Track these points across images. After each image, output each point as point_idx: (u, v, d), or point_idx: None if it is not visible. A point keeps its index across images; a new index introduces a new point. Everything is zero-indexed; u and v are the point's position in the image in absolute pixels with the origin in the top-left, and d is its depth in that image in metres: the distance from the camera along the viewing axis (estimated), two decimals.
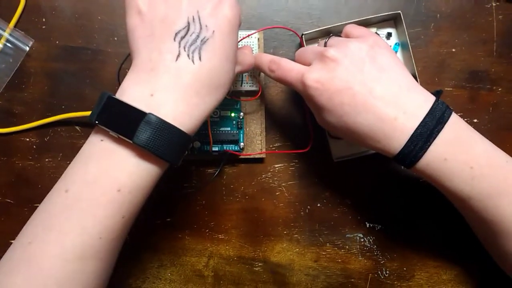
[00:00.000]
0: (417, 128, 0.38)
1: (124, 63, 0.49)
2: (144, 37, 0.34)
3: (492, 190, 0.39)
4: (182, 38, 0.34)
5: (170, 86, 0.33)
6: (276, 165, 0.51)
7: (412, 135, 0.38)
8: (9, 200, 0.50)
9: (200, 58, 0.34)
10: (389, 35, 0.50)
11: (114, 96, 0.34)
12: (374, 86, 0.39)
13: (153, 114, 0.33)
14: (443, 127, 0.38)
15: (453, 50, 0.52)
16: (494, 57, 0.52)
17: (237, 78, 0.49)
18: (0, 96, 0.50)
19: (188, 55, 0.34)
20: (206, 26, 0.34)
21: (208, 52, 0.34)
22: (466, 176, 0.39)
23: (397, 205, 0.51)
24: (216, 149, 0.49)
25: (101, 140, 0.34)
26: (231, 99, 0.49)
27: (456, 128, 0.39)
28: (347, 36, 0.44)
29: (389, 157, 0.40)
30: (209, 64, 0.35)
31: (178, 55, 0.34)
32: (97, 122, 0.33)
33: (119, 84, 0.49)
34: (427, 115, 0.38)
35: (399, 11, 0.48)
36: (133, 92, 0.34)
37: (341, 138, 0.49)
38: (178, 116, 0.34)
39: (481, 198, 0.39)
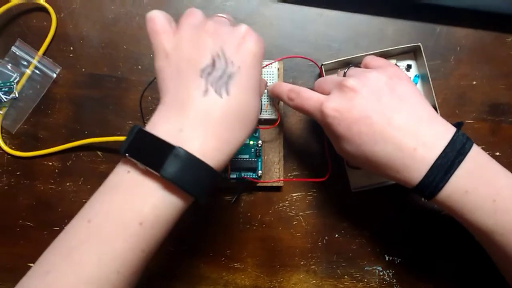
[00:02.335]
0: (437, 159, 0.37)
1: (145, 91, 0.50)
2: (171, 77, 0.35)
3: None
4: (209, 74, 0.34)
5: (199, 122, 0.34)
6: (293, 194, 0.51)
7: (432, 165, 0.37)
8: (29, 223, 0.51)
9: (227, 93, 0.34)
10: (409, 67, 0.51)
11: (144, 129, 0.34)
12: (392, 116, 0.39)
13: (181, 148, 0.33)
14: (464, 158, 0.38)
15: (474, 82, 0.51)
16: None
17: None
18: (26, 121, 0.51)
19: (215, 90, 0.34)
20: (232, 61, 0.35)
21: (235, 86, 0.35)
22: (488, 209, 0.38)
23: (417, 238, 0.50)
24: (234, 176, 0.49)
25: (128, 172, 0.34)
26: None
27: (478, 160, 0.39)
28: (366, 67, 0.45)
29: (408, 188, 0.39)
30: (238, 98, 0.35)
31: (206, 91, 0.34)
32: (126, 153, 0.34)
33: (141, 111, 0.50)
34: (447, 146, 0.38)
35: (419, 44, 0.49)
36: (163, 127, 0.34)
37: (360, 167, 0.49)
38: (207, 151, 0.34)
39: (504, 232, 0.38)
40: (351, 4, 0.52)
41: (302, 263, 0.50)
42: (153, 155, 0.33)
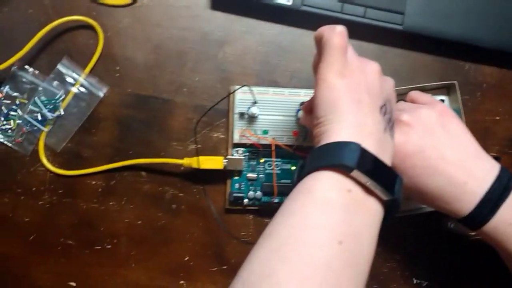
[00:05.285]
0: (486, 193, 0.41)
1: (191, 113, 0.51)
2: (353, 101, 0.36)
3: None
4: (384, 114, 0.37)
5: (385, 152, 0.36)
6: None
7: (481, 199, 0.41)
8: (70, 242, 0.51)
9: (393, 137, 0.38)
10: (441, 102, 0.54)
11: (367, 149, 0.34)
12: (445, 151, 0.42)
13: (400, 176, 0.35)
14: (510, 193, 0.41)
15: (497, 118, 0.55)
16: None
17: (301, 133, 0.51)
18: (69, 139, 0.51)
19: (389, 131, 0.38)
20: (391, 110, 0.38)
21: (392, 132, 0.39)
22: None
23: (444, 263, 0.54)
24: (277, 200, 0.51)
25: (349, 191, 0.33)
26: (294, 153, 0.51)
27: None
28: (413, 102, 0.48)
29: (455, 218, 0.42)
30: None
31: (385, 129, 0.37)
32: (357, 169, 0.33)
33: (195, 135, 0.50)
34: (495, 181, 0.41)
35: (455, 82, 0.52)
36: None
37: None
38: None
39: None
40: (386, 38, 0.54)
41: None
42: (384, 177, 0.34)
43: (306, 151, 0.51)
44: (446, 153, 0.42)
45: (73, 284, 0.51)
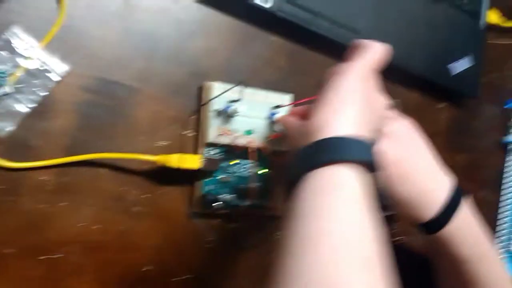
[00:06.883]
0: (448, 200, 0.46)
1: (157, 105, 0.47)
2: (365, 106, 0.38)
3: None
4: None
5: None
6: None
7: (444, 205, 0.46)
8: (10, 250, 0.40)
9: None
10: None
11: None
12: (418, 161, 0.46)
13: None
14: (460, 200, 0.47)
15: None
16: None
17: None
18: (17, 124, 0.41)
19: None
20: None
21: None
22: (471, 242, 0.48)
23: None
24: (248, 203, 0.49)
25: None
26: (267, 157, 0.50)
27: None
28: None
29: (414, 223, 0.47)
30: None
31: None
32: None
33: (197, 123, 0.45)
34: (453, 189, 0.47)
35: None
36: None
37: None
38: None
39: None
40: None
41: None
42: None
43: (279, 156, 0.51)
44: (419, 163, 0.46)
45: None
